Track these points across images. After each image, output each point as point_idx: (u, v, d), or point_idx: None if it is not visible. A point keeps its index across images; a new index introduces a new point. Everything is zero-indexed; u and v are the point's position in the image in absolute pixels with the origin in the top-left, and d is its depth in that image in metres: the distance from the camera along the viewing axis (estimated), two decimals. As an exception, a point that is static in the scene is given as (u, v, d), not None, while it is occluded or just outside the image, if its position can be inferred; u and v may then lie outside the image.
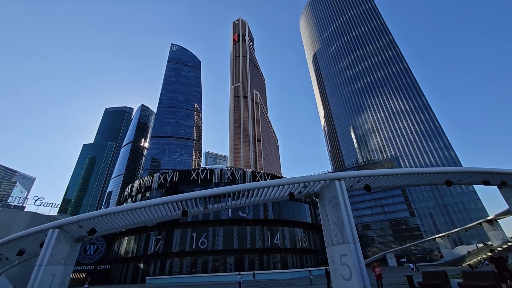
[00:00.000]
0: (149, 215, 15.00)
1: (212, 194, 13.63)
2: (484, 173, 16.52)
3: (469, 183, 18.26)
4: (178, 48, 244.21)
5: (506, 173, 17.48)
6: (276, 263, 47.88)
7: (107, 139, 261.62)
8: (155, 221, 15.57)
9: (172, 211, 15.00)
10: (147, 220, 15.47)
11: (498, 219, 44.46)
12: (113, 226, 15.50)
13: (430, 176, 15.97)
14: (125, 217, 14.79)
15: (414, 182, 16.67)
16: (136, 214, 14.54)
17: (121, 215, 14.36)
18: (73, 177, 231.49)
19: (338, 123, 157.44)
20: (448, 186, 16.70)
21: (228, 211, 46.46)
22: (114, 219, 14.74)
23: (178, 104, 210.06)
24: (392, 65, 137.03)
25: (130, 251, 48.73)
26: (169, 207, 14.47)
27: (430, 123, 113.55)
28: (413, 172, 14.92)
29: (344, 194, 13.12)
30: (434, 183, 17.35)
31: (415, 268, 39.11)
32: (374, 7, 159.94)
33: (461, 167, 15.57)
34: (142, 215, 14.86)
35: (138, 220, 15.32)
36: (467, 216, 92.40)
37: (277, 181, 13.53)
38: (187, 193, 13.59)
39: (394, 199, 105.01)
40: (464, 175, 16.53)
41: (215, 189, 13.44)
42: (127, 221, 15.22)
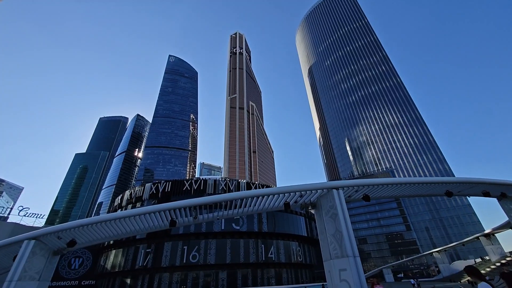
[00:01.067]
0: (134, 226, 13.96)
1: (202, 203, 12.76)
2: (485, 183, 16.06)
3: (469, 194, 17.77)
4: (176, 59, 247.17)
5: (506, 184, 17.06)
6: (270, 278, 45.95)
7: (100, 149, 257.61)
8: (141, 232, 14.51)
9: (159, 221, 14.01)
10: (132, 231, 14.40)
11: (495, 233, 43.91)
12: (95, 237, 14.37)
13: (430, 186, 15.44)
14: (108, 228, 13.74)
15: (413, 193, 16.09)
16: (120, 224, 13.51)
17: (104, 225, 13.32)
18: (63, 187, 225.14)
19: (333, 135, 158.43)
20: (448, 197, 16.15)
21: (221, 223, 44.94)
22: (97, 230, 13.66)
23: (174, 114, 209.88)
24: (385, 80, 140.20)
25: (117, 265, 46.30)
26: (156, 216, 13.51)
27: (423, 136, 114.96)
28: (413, 182, 14.37)
29: (342, 204, 12.42)
30: (434, 194, 16.79)
31: (416, 284, 37.79)
32: (367, 24, 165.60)
33: (461, 177, 15.10)
34: (127, 226, 13.82)
35: (122, 230, 14.25)
36: (463, 230, 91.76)
37: (272, 190, 12.78)
38: (176, 202, 12.71)
39: (390, 212, 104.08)
40: (465, 185, 16.04)
41: (206, 197, 12.60)
42: (110, 232, 14.14)
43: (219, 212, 14.34)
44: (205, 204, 12.83)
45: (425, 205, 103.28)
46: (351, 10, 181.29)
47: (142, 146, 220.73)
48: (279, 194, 13.24)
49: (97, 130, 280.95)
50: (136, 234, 14.55)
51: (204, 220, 14.33)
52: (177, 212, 13.50)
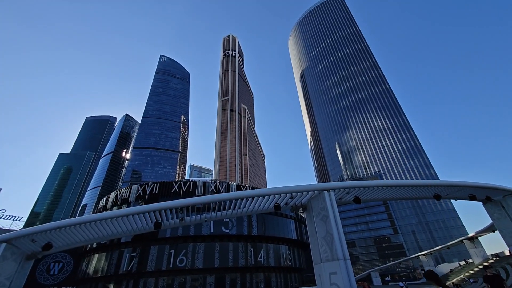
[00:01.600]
0: (116, 228, 13.23)
1: (189, 204, 12.23)
2: (471, 187, 16.29)
3: (456, 197, 18.01)
4: (168, 59, 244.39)
5: (491, 187, 17.39)
6: (259, 282, 45.29)
7: (86, 149, 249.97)
8: (124, 235, 13.77)
9: (144, 223, 13.34)
10: (114, 234, 13.64)
11: (478, 236, 45.15)
12: (74, 240, 13.51)
13: (419, 189, 15.50)
14: (88, 230, 12.94)
15: (403, 195, 16.12)
16: (101, 226, 12.76)
17: (84, 227, 12.53)
18: (45, 189, 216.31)
19: (324, 139, 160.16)
20: (436, 199, 16.28)
21: (210, 226, 44.07)
22: (75, 232, 12.84)
23: (164, 115, 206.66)
24: (375, 86, 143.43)
25: (100, 269, 44.46)
26: (140, 218, 12.84)
27: (410, 141, 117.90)
28: (402, 184, 14.36)
29: (333, 206, 12.20)
30: (423, 197, 16.90)
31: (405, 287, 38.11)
32: (358, 31, 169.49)
33: (448, 181, 15.26)
34: (108, 228, 13.07)
35: (104, 233, 13.47)
36: (448, 233, 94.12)
37: (262, 191, 12.42)
38: (161, 203, 12.12)
39: (378, 216, 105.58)
40: (452, 189, 16.21)
41: (193, 198, 12.08)
42: (90, 234, 13.33)
43: (207, 214, 13.81)
44: (192, 205, 12.30)
45: (412, 209, 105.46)
46: (343, 17, 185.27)
47: (130, 147, 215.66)
48: (269, 196, 12.89)
49: (83, 130, 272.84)
50: (118, 236, 13.79)
51: (191, 222, 13.76)
52: (163, 214, 12.88)
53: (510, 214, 18.70)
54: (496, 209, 19.60)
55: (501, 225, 19.25)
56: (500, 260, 37.01)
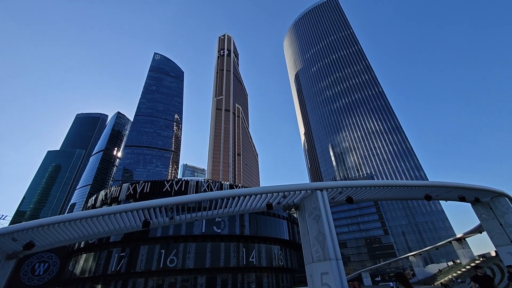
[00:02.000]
0: (103, 227, 12.78)
1: (179, 203, 11.90)
2: (461, 188, 16.49)
3: (446, 198, 18.22)
4: (161, 57, 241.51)
5: (480, 189, 17.65)
6: (251, 283, 45.03)
7: (76, 147, 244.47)
8: (111, 234, 13.32)
9: (132, 222, 12.93)
10: (100, 233, 13.19)
11: (466, 237, 46.09)
12: (57, 239, 12.99)
13: (411, 189, 15.58)
14: (73, 229, 12.46)
15: (395, 196, 16.19)
16: (86, 225, 12.29)
17: (68, 225, 12.05)
18: (32, 187, 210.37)
19: (318, 140, 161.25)
20: (427, 200, 16.41)
21: (202, 226, 43.59)
22: (59, 231, 12.33)
23: (157, 113, 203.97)
24: (367, 88, 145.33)
25: (87, 270, 43.38)
26: (128, 216, 12.43)
27: (402, 144, 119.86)
28: (394, 185, 14.39)
29: (326, 206, 12.09)
30: (414, 198, 17.03)
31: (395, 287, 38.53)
32: (352, 34, 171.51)
33: (439, 182, 15.41)
34: (94, 227, 12.61)
35: (90, 232, 12.99)
36: (436, 234, 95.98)
37: (254, 189, 12.21)
38: (150, 201, 11.76)
39: (369, 217, 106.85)
40: (443, 189, 16.38)
41: (183, 196, 11.76)
42: (75, 233, 12.84)
43: (198, 213, 13.51)
44: (183, 203, 11.98)
45: (402, 210, 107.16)
46: (338, 20, 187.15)
47: (121, 145, 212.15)
48: (262, 195, 12.69)
49: (73, 127, 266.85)
50: (105, 235, 13.35)
51: (181, 221, 13.43)
52: (152, 212, 12.51)
53: (497, 216, 19.04)
54: (484, 210, 19.94)
55: (489, 226, 19.59)
56: (487, 260, 37.84)
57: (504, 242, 18.33)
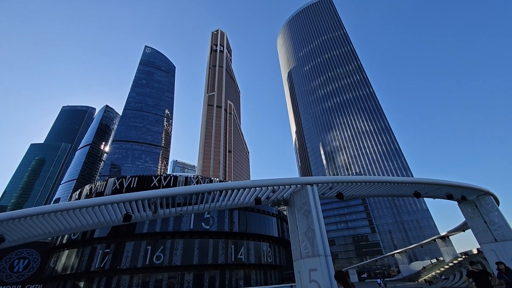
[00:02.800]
0: (80, 221, 12.00)
1: (163, 195, 11.29)
2: (449, 185, 16.60)
3: (434, 196, 18.35)
4: (152, 51, 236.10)
5: (467, 187, 17.83)
6: (238, 279, 44.74)
7: (62, 140, 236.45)
8: (89, 228, 12.56)
9: (112, 215, 12.20)
10: (78, 227, 12.40)
11: (450, 235, 47.37)
12: (30, 233, 12.11)
13: (400, 186, 15.53)
14: (48, 222, 11.63)
15: (385, 192, 16.11)
16: (62, 218, 11.48)
17: (41, 219, 11.21)
18: (13, 181, 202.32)
19: (309, 139, 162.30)
20: (416, 197, 16.45)
21: (190, 222, 42.83)
22: (32, 224, 11.48)
23: (147, 108, 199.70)
24: (359, 88, 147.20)
25: (70, 266, 41.86)
26: (108, 210, 11.70)
27: (390, 144, 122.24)
28: (384, 181, 14.26)
29: (316, 201, 11.78)
30: (403, 194, 17.02)
31: (382, 284, 39.07)
32: (345, 34, 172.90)
33: (428, 179, 15.47)
34: (71, 220, 11.81)
35: (66, 226, 12.18)
36: (421, 232, 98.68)
37: (242, 183, 11.74)
38: (131, 193, 11.09)
39: (357, 215, 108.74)
40: (431, 187, 16.44)
41: (168, 189, 11.16)
42: (50, 227, 12.00)
43: (183, 207, 12.92)
44: (167, 196, 11.38)
45: (389, 209, 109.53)
46: (331, 20, 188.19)
47: (109, 140, 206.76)
48: (250, 189, 12.25)
49: (59, 120, 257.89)
50: (83, 230, 12.56)
51: (165, 215, 12.82)
52: (133, 205, 11.83)
53: (482, 214, 19.38)
54: (470, 208, 20.26)
55: (474, 224, 19.92)
56: (469, 257, 38.98)
57: (488, 239, 18.66)
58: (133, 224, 42.59)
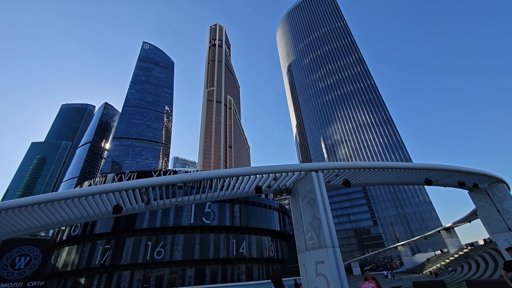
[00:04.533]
0: (67, 213, 11.11)
1: (156, 184, 10.37)
2: (462, 172, 15.62)
3: (445, 184, 17.42)
4: (151, 47, 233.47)
5: (479, 173, 16.89)
6: (240, 274, 44.32)
7: (62, 138, 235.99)
8: (77, 222, 11.67)
9: (101, 208, 11.31)
10: (66, 220, 11.51)
11: (455, 226, 46.68)
12: (13, 228, 11.25)
13: (411, 173, 14.57)
14: (31, 216, 10.74)
15: (394, 180, 15.17)
16: (47, 211, 10.58)
17: (25, 212, 10.32)
18: (16, 180, 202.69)
19: (309, 132, 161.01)
20: (427, 185, 15.51)
21: (190, 217, 42.23)
22: (14, 218, 10.60)
23: (146, 104, 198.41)
24: (360, 80, 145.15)
25: (70, 263, 41.45)
26: (96, 201, 10.80)
27: (392, 136, 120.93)
28: (394, 167, 13.29)
29: (322, 188, 10.84)
30: (414, 182, 16.08)
31: (390, 276, 38.47)
32: (345, 25, 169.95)
33: (440, 165, 14.46)
34: (57, 213, 10.92)
35: (52, 220, 11.30)
36: (424, 225, 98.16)
37: (241, 170, 10.80)
38: (122, 182, 10.17)
39: (359, 208, 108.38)
40: (443, 173, 15.48)
41: (162, 177, 10.23)
42: (35, 220, 11.13)
43: (178, 198, 12.01)
44: (160, 185, 10.45)
45: (391, 201, 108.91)
46: (331, 11, 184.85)
47: (110, 137, 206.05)
48: (250, 176, 11.31)
49: (59, 118, 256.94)
50: (71, 223, 11.68)
51: (159, 206, 11.92)
52: (124, 196, 10.92)
53: (495, 202, 18.50)
54: (481, 197, 19.42)
55: (485, 213, 19.08)
56: (475, 249, 38.31)
57: (501, 229, 17.78)
58: (133, 219, 41.99)
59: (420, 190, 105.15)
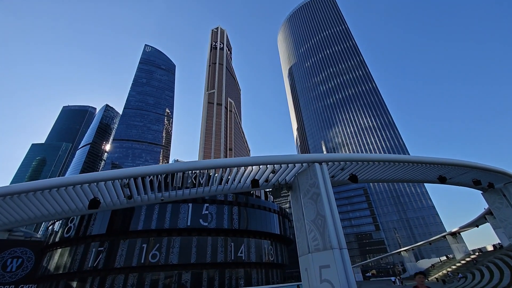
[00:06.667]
0: (39, 209, 9.81)
1: (138, 175, 9.11)
2: (478, 168, 14.28)
3: (459, 182, 16.07)
4: (152, 49, 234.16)
5: (496, 171, 15.55)
6: (239, 279, 42.61)
7: (62, 140, 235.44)
8: (47, 219, 10.37)
9: (77, 202, 10.02)
10: (31, 218, 10.20)
11: (461, 231, 44.94)
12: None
13: (424, 169, 13.24)
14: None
15: (405, 176, 13.85)
16: (7, 206, 9.27)
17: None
18: (15, 181, 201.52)
19: (310, 136, 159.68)
20: (441, 183, 14.16)
21: (187, 219, 40.81)
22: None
23: (147, 107, 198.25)
24: (361, 84, 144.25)
25: (62, 266, 39.99)
26: (70, 194, 9.51)
27: (394, 139, 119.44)
28: (406, 160, 12.00)
29: (326, 182, 9.54)
30: (426, 179, 14.75)
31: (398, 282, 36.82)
32: (347, 29, 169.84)
33: (456, 160, 13.15)
34: (25, 207, 9.63)
35: (16, 217, 9.98)
36: (427, 230, 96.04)
37: (235, 160, 9.51)
38: (98, 173, 8.91)
39: (360, 212, 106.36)
40: (458, 169, 14.15)
41: (143, 167, 8.96)
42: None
43: (164, 192, 10.72)
44: (143, 176, 9.18)
45: (394, 206, 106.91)
46: (332, 15, 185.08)
47: (110, 139, 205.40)
48: (245, 168, 10.04)
49: (60, 120, 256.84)
50: (42, 220, 10.40)
51: (143, 201, 10.64)
52: (103, 189, 9.65)
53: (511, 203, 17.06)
54: (496, 197, 18.06)
55: (502, 215, 17.67)
56: (484, 255, 36.61)
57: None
58: (127, 221, 40.58)
59: (423, 194, 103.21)
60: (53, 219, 10.33)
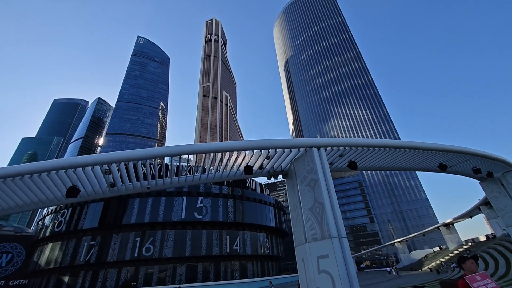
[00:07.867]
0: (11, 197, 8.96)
1: (120, 159, 8.32)
2: (479, 156, 13.88)
3: (459, 171, 15.69)
4: (146, 41, 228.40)
5: (497, 159, 15.14)
6: (234, 271, 42.50)
7: (54, 134, 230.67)
8: (21, 210, 9.52)
9: (54, 190, 9.19)
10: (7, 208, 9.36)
11: (455, 222, 45.43)
12: None
13: (425, 156, 12.74)
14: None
15: (406, 164, 13.36)
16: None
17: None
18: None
19: (306, 129, 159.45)
20: (441, 171, 13.71)
21: (181, 212, 40.20)
22: None
23: (141, 100, 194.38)
24: (357, 77, 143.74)
25: (53, 260, 39.17)
26: (45, 181, 8.67)
27: (389, 133, 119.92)
28: (408, 146, 11.46)
29: (325, 167, 8.91)
30: (427, 167, 14.29)
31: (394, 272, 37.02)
32: (343, 21, 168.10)
33: (457, 146, 12.68)
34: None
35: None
36: (420, 222, 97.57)
37: (225, 144, 8.77)
38: (76, 157, 8.07)
39: (355, 205, 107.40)
40: (460, 157, 13.73)
41: (126, 152, 8.16)
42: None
43: (151, 180, 9.97)
44: (126, 160, 8.39)
45: (388, 198, 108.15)
46: (329, 6, 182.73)
47: (103, 133, 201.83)
48: (238, 153, 9.33)
49: (51, 113, 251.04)
50: (11, 212, 9.52)
51: (127, 190, 9.88)
52: (82, 176, 8.83)
53: (510, 192, 16.85)
54: (495, 187, 17.86)
55: (500, 204, 17.49)
56: (477, 245, 37.03)
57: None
58: (120, 214, 39.78)
59: (417, 187, 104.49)
60: (28, 209, 9.51)
